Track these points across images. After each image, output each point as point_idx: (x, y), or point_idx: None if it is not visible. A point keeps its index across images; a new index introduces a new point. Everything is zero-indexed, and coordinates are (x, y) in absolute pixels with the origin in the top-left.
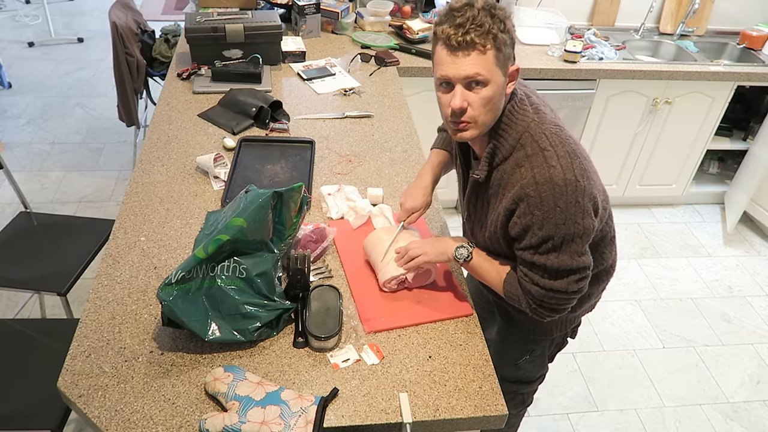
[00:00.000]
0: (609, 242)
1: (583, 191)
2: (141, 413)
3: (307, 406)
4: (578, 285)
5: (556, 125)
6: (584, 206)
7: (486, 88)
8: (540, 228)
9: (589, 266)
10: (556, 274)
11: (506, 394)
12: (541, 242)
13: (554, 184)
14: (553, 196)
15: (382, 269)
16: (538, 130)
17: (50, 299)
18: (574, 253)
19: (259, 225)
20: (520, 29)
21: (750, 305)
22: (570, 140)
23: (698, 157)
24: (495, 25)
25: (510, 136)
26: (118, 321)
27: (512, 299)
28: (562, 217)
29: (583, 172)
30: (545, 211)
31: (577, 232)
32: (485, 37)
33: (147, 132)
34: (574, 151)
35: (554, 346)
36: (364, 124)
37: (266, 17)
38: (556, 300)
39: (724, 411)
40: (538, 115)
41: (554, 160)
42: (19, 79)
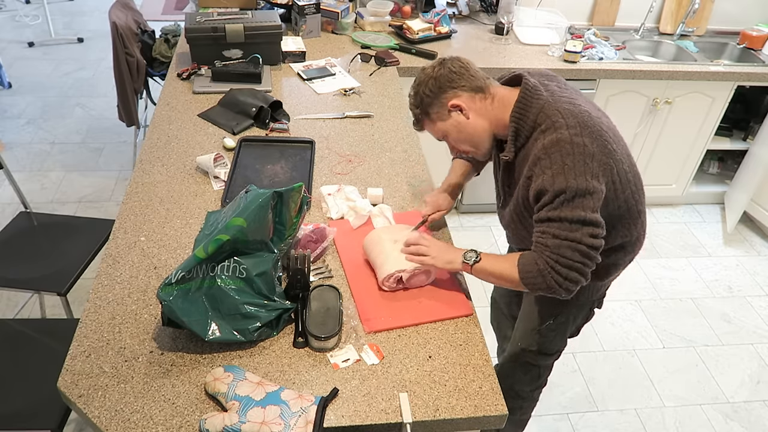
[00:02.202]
0: (635, 215)
1: (592, 155)
2: (141, 413)
3: (307, 406)
4: (593, 240)
5: (570, 102)
6: (593, 169)
7: (449, 137)
8: (552, 184)
9: (601, 225)
10: (570, 224)
11: (523, 365)
12: (555, 197)
13: (561, 146)
14: (560, 155)
15: (381, 267)
16: (551, 108)
17: (50, 299)
18: (586, 207)
19: (259, 225)
20: (520, 29)
21: (750, 305)
22: (584, 114)
23: (698, 157)
24: (414, 105)
25: (528, 117)
26: (118, 321)
27: (529, 275)
28: (572, 173)
29: (594, 139)
30: (554, 169)
31: (588, 188)
32: (416, 120)
33: (147, 132)
34: (586, 123)
35: (581, 317)
36: (364, 124)
37: (266, 17)
38: (570, 252)
39: (724, 411)
40: (552, 96)
41: (563, 128)
42: (19, 79)
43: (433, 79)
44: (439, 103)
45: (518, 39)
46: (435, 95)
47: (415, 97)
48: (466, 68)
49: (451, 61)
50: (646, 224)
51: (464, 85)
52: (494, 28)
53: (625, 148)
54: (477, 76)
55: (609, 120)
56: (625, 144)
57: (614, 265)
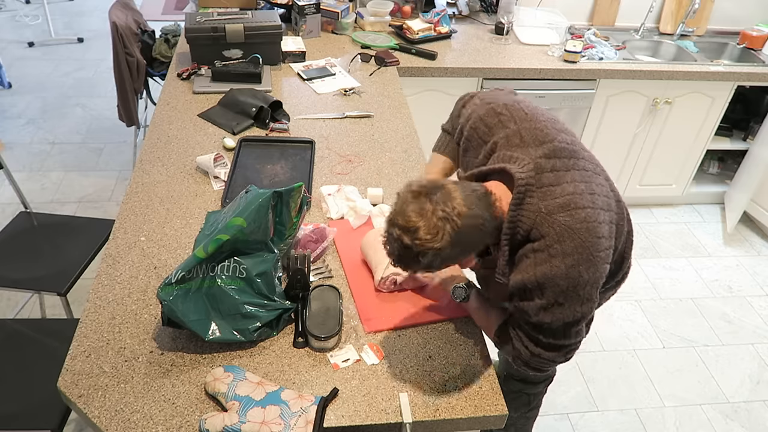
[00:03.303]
0: (626, 249)
1: (586, 283)
2: (141, 413)
3: (307, 406)
4: (566, 357)
5: (565, 206)
6: (584, 295)
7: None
8: (537, 315)
9: (579, 342)
10: (546, 346)
11: (510, 393)
12: (538, 325)
13: (555, 284)
14: (554, 294)
15: (376, 269)
16: (545, 225)
17: (50, 299)
18: (569, 334)
19: (259, 225)
20: (520, 29)
21: (750, 305)
22: (581, 227)
23: (698, 157)
24: (405, 262)
25: (519, 233)
26: (118, 321)
27: (504, 348)
28: (560, 309)
29: (590, 263)
30: (545, 303)
31: (575, 319)
32: (404, 267)
33: (147, 132)
34: (584, 243)
35: None
36: (364, 124)
37: (266, 17)
38: (540, 365)
39: (724, 411)
40: (545, 202)
41: (558, 259)
42: (19, 79)
43: (448, 252)
44: (448, 264)
45: (518, 39)
46: (445, 263)
47: (413, 258)
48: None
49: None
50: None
51: (478, 244)
52: (494, 28)
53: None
54: (485, 215)
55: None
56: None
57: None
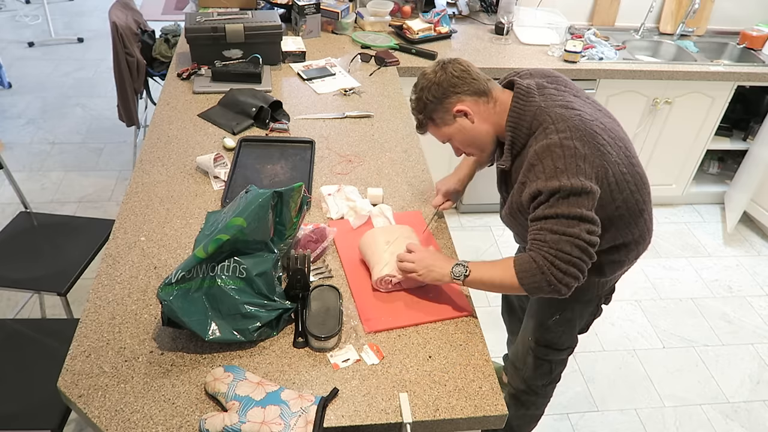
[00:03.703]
0: (636, 215)
1: (584, 157)
2: (141, 413)
3: (307, 406)
4: (590, 237)
5: (564, 106)
6: (585, 170)
7: (453, 140)
8: (545, 186)
9: (597, 222)
10: (568, 220)
11: (535, 360)
12: (550, 196)
13: (552, 150)
14: (551, 159)
15: (373, 269)
16: (543, 114)
17: (50, 299)
18: (582, 205)
19: (259, 225)
20: (520, 29)
21: (750, 305)
22: (575, 118)
23: (698, 157)
24: (417, 111)
25: (522, 125)
26: (118, 321)
27: (527, 275)
28: (564, 175)
29: (586, 142)
30: (547, 173)
31: (582, 187)
32: (419, 125)
33: (147, 132)
34: (577, 126)
35: (588, 314)
36: (364, 124)
37: (266, 17)
38: (570, 247)
39: (724, 411)
40: (546, 100)
41: (553, 133)
42: (19, 79)
43: (435, 85)
44: (443, 108)
45: (518, 39)
46: (439, 101)
47: (417, 102)
48: (468, 71)
49: (452, 65)
50: (651, 223)
51: (467, 90)
52: (494, 28)
53: (624, 150)
54: (479, 78)
55: (611, 120)
56: (625, 145)
57: (617, 262)
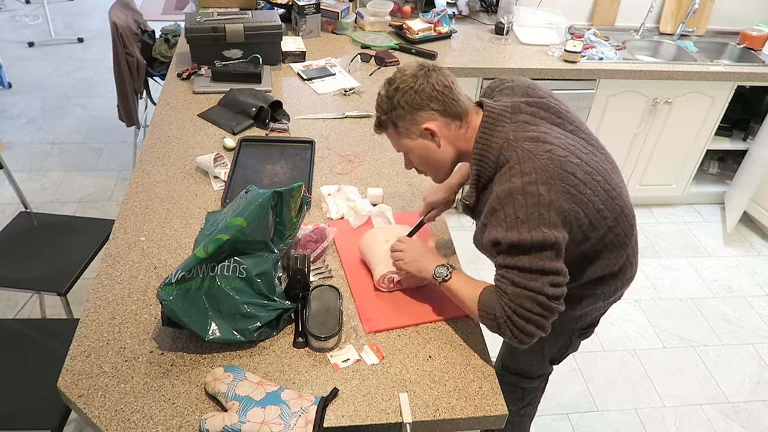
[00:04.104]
0: (617, 248)
1: (548, 204)
2: (141, 413)
3: (307, 406)
4: (554, 290)
5: (534, 139)
6: (549, 218)
7: (409, 154)
8: (505, 237)
9: (563, 273)
10: (530, 273)
11: (506, 386)
12: (510, 248)
13: (513, 197)
14: (513, 207)
15: (374, 268)
16: (510, 149)
17: (50, 299)
18: (545, 257)
19: (259, 225)
20: (520, 29)
21: (750, 305)
22: (544, 156)
23: (698, 157)
24: (383, 111)
25: (488, 158)
26: (118, 321)
27: (486, 317)
28: (525, 227)
29: (552, 186)
30: (508, 222)
31: (545, 240)
32: (379, 124)
33: (147, 132)
34: (545, 167)
35: (559, 345)
36: (364, 124)
37: (266, 17)
38: (530, 304)
39: (724, 411)
40: (516, 130)
41: (517, 176)
42: (19, 79)
43: (412, 91)
44: (411, 119)
45: (518, 39)
46: (410, 110)
47: (387, 101)
48: (450, 88)
49: (437, 75)
50: (635, 256)
51: (443, 110)
52: (494, 28)
53: (603, 183)
54: (458, 99)
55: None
56: (605, 177)
57: (594, 296)
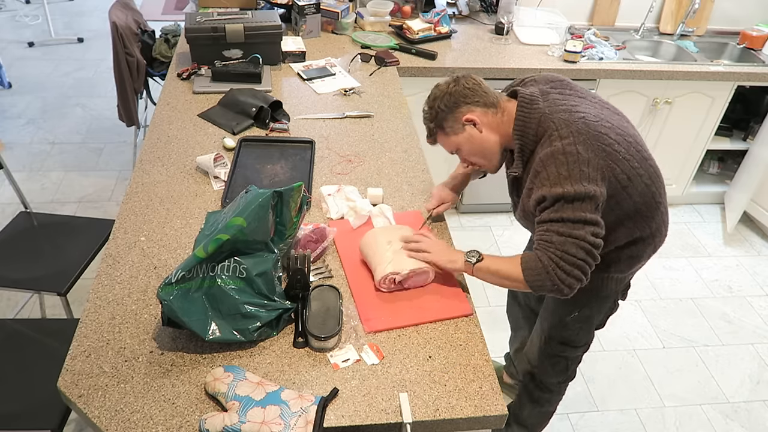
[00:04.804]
0: (653, 208)
1: (587, 161)
2: (141, 413)
3: (307, 406)
4: (595, 240)
5: (567, 110)
6: (588, 174)
7: (461, 150)
8: (550, 193)
9: (601, 225)
10: (573, 223)
11: (551, 357)
12: (555, 202)
13: (555, 157)
14: (555, 166)
15: (376, 268)
16: (547, 121)
17: (50, 299)
18: (586, 209)
19: (259, 224)
20: (520, 29)
21: (750, 305)
22: (579, 122)
23: (698, 157)
24: (429, 120)
25: (529, 132)
26: (118, 321)
27: (532, 273)
28: (568, 181)
29: (589, 145)
30: (551, 180)
31: (586, 192)
32: (430, 133)
33: (147, 132)
34: (580, 130)
35: (605, 310)
36: (364, 124)
37: (266, 17)
38: (575, 249)
39: (724, 411)
40: (550, 106)
41: (556, 140)
42: (19, 79)
43: (448, 95)
44: (453, 117)
45: (518, 39)
46: (450, 110)
47: (429, 111)
48: (479, 85)
49: (465, 79)
50: (667, 216)
51: (478, 101)
52: (494, 28)
53: (634, 145)
54: (489, 92)
55: (619, 117)
56: (635, 140)
57: (634, 257)
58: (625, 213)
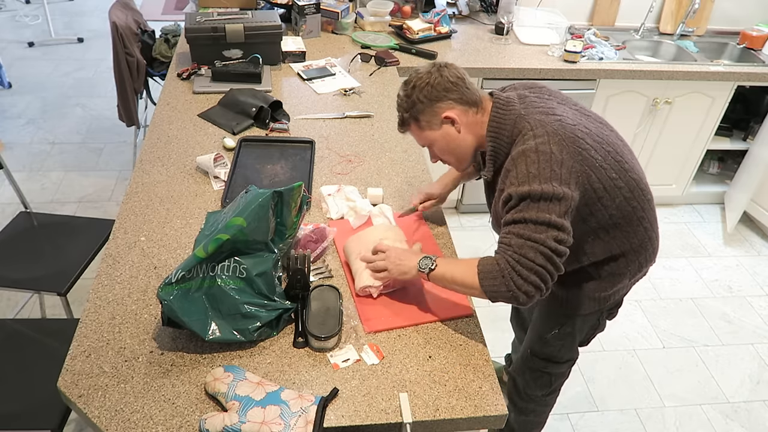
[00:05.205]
0: (635, 222)
1: (560, 162)
2: (141, 413)
3: (307, 406)
4: (557, 245)
5: (544, 112)
6: (561, 175)
7: (434, 146)
8: (516, 192)
9: (567, 230)
10: (535, 225)
11: (533, 372)
12: (520, 200)
13: (526, 155)
14: (525, 164)
15: (355, 279)
16: (522, 121)
17: (50, 299)
18: (552, 210)
19: (259, 224)
20: (520, 29)
21: (750, 305)
22: (554, 123)
23: (698, 157)
24: (404, 109)
25: (503, 134)
26: (118, 321)
27: (488, 277)
28: (536, 180)
29: (564, 147)
30: (520, 177)
31: (554, 193)
32: (402, 123)
33: (147, 132)
34: (556, 131)
35: (587, 328)
36: (364, 124)
37: (266, 17)
38: (533, 254)
39: (724, 411)
40: (526, 108)
41: (530, 139)
42: (19, 79)
43: (429, 86)
44: (432, 111)
45: (518, 39)
46: (429, 103)
47: (406, 99)
48: (463, 79)
49: (448, 69)
50: (654, 232)
51: (460, 98)
52: (494, 28)
53: (614, 155)
54: (472, 88)
55: (601, 125)
56: (615, 149)
57: (616, 274)
58: (599, 225)
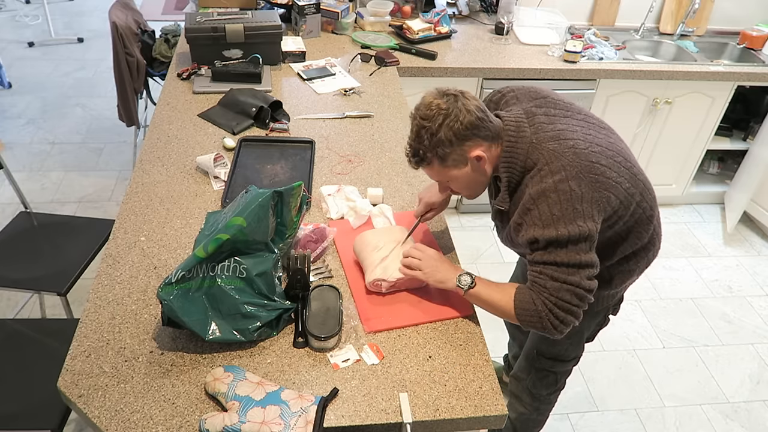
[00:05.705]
0: (646, 221)
1: (580, 198)
2: (141, 413)
3: (307, 406)
4: (589, 283)
5: (556, 138)
6: (583, 211)
7: (452, 183)
8: (542, 236)
9: (596, 264)
10: (567, 267)
11: (539, 372)
12: (548, 245)
13: (547, 196)
14: (547, 204)
15: (366, 272)
16: (535, 152)
17: (50, 299)
18: (581, 251)
19: (259, 224)
20: (520, 29)
21: (750, 305)
22: (568, 153)
23: (698, 157)
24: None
25: (516, 164)
26: (118, 321)
27: (525, 313)
28: (561, 222)
29: (581, 179)
30: (544, 219)
31: (580, 233)
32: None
33: (147, 132)
34: (572, 163)
35: (595, 325)
36: (364, 124)
37: (266, 17)
38: (570, 296)
39: (724, 411)
40: (537, 132)
41: (547, 176)
42: (19, 79)
43: (458, 123)
44: (460, 151)
45: (518, 39)
46: (458, 142)
47: (430, 138)
48: (484, 112)
49: (468, 101)
50: (660, 227)
51: (486, 134)
52: (494, 28)
53: (624, 163)
54: (492, 119)
55: (606, 133)
56: (624, 157)
57: (628, 272)
58: (616, 233)
